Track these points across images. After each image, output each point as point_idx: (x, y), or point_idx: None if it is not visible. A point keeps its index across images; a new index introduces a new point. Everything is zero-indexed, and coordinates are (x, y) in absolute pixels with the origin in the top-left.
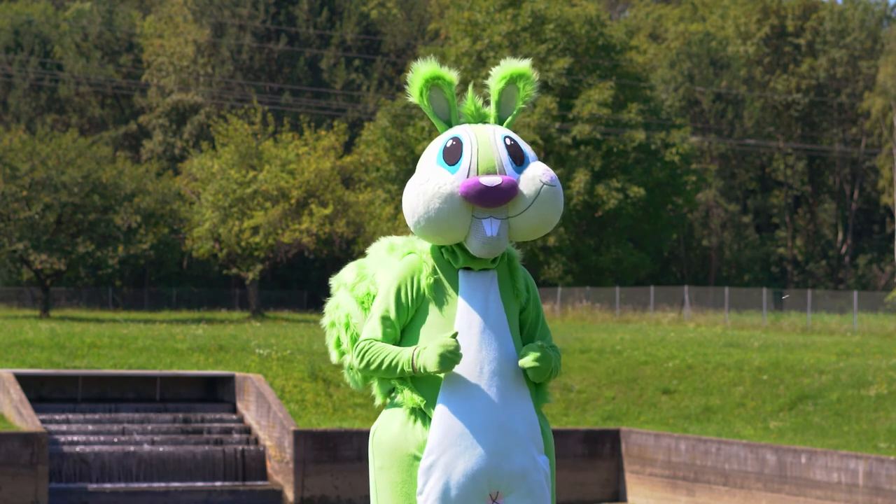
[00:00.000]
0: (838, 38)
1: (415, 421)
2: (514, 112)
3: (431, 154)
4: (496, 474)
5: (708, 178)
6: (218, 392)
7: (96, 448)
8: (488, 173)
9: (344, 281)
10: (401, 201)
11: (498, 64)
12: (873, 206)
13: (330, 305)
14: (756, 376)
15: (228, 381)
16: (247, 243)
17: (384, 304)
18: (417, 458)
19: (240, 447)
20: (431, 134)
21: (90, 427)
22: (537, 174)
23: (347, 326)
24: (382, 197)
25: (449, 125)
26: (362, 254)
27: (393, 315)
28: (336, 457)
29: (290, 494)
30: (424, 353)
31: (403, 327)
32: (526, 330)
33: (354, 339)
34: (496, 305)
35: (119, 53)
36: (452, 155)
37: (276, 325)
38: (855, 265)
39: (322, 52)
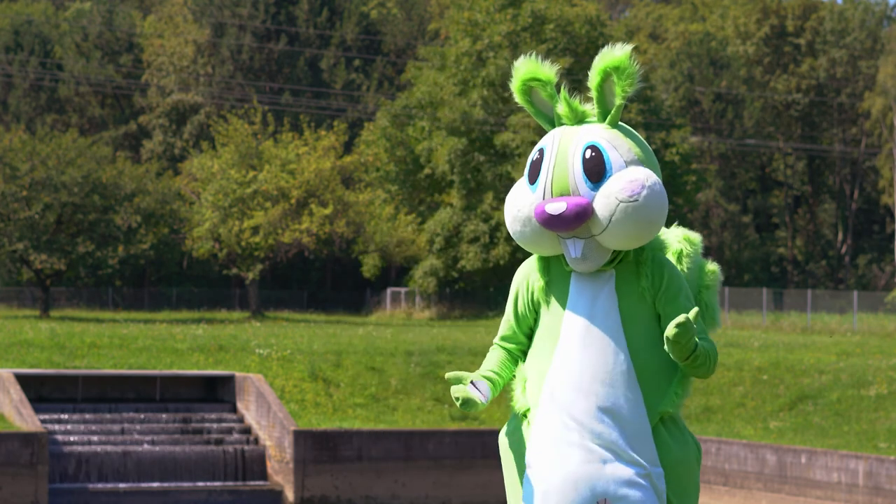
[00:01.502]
0: (838, 38)
1: (527, 426)
2: (613, 109)
3: (527, 165)
4: (599, 482)
5: (708, 178)
6: (218, 392)
7: (96, 448)
8: (561, 194)
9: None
10: (400, 201)
11: (498, 64)
12: (873, 206)
13: None
14: (756, 376)
15: (228, 381)
16: (247, 243)
17: (508, 308)
18: (525, 463)
19: (240, 447)
20: (432, 134)
21: (90, 427)
22: (614, 191)
23: None
24: (382, 197)
25: (552, 125)
26: (363, 253)
27: (512, 320)
28: (336, 457)
29: (290, 494)
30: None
31: (530, 331)
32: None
33: None
34: (605, 307)
35: (119, 53)
36: (534, 171)
37: (276, 325)
38: (855, 265)
39: (322, 52)
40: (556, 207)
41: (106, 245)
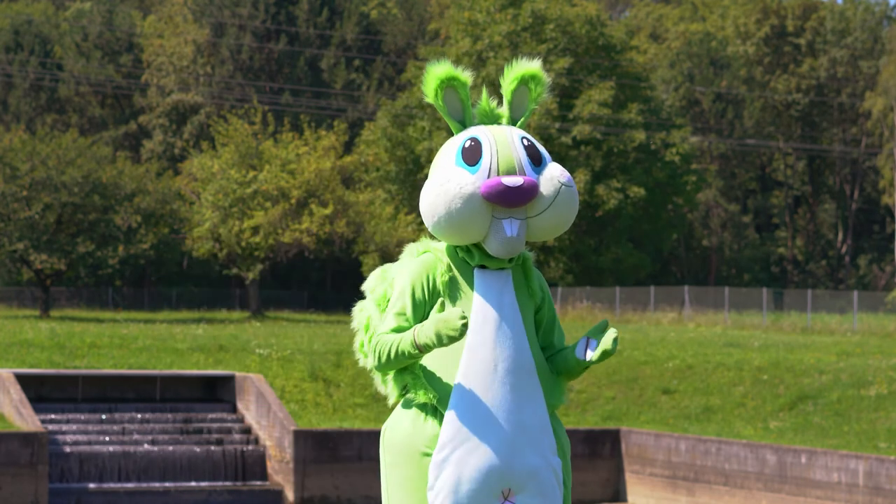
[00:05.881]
0: (839, 38)
1: (426, 417)
2: (526, 113)
3: (449, 155)
4: (508, 471)
5: (708, 178)
6: (218, 392)
7: (96, 448)
8: (508, 174)
9: (368, 286)
10: (401, 201)
11: (498, 64)
12: (873, 206)
13: (356, 310)
14: (756, 376)
15: (228, 381)
16: (247, 243)
17: (399, 301)
18: (427, 455)
19: (240, 447)
20: (432, 134)
21: (90, 427)
22: (555, 175)
23: (367, 329)
24: (382, 197)
25: (463, 126)
26: (363, 253)
27: (409, 312)
28: (336, 457)
29: (290, 494)
30: (425, 327)
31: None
32: (542, 330)
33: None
34: (511, 303)
35: (119, 53)
36: (472, 155)
37: (276, 325)
38: (855, 265)
39: (322, 52)
40: (514, 181)
41: (106, 245)
